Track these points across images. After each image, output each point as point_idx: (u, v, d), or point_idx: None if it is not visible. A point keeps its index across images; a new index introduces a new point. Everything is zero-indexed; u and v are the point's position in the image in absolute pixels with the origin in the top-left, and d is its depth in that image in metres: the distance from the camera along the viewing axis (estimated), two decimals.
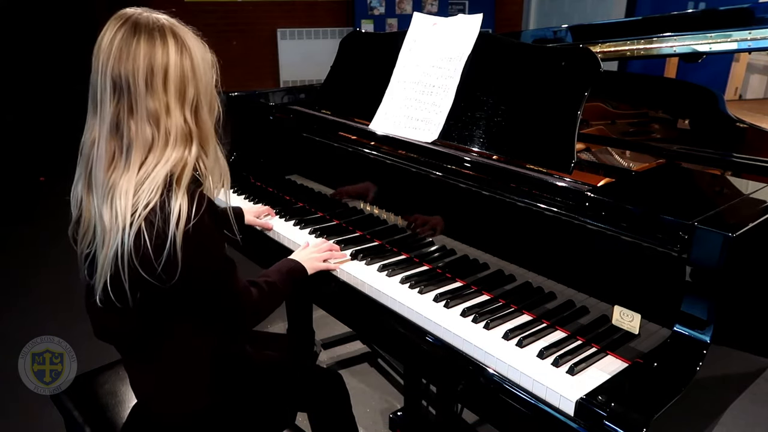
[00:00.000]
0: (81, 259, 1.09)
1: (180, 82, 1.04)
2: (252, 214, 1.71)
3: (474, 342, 1.12)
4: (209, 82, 1.11)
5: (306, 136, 1.75)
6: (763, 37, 1.48)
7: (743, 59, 3.58)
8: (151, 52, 1.00)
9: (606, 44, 1.77)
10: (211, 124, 1.12)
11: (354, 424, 1.50)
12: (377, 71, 1.69)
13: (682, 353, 0.97)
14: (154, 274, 0.99)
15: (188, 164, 1.05)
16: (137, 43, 1.00)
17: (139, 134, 1.01)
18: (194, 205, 1.00)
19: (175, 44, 1.03)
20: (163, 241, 0.98)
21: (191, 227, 0.99)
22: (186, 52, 1.04)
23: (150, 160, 1.02)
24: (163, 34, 1.02)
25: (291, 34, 5.96)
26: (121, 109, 1.01)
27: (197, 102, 1.07)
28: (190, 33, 1.08)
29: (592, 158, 1.55)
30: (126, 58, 0.99)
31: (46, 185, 4.73)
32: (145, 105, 1.01)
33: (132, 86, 1.00)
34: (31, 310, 2.90)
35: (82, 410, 1.35)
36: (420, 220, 1.45)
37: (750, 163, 1.48)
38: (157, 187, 1.00)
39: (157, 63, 1.01)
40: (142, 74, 1.00)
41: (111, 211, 0.99)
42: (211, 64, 1.12)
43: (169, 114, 1.03)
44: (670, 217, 0.99)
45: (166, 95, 1.02)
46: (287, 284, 1.32)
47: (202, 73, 1.07)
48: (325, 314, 1.55)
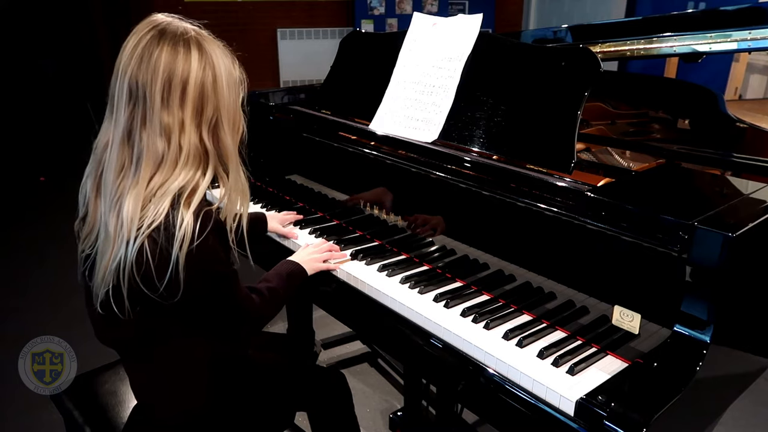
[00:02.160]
0: (81, 258, 1.08)
1: (198, 99, 1.00)
2: (277, 221, 1.64)
3: (474, 342, 1.12)
4: (233, 101, 1.06)
5: (306, 136, 1.75)
6: (763, 37, 1.48)
7: (743, 59, 3.57)
8: (172, 63, 0.97)
9: (606, 44, 1.77)
10: (234, 144, 1.07)
11: (356, 423, 1.50)
12: (377, 71, 1.69)
13: (682, 353, 0.97)
14: (156, 291, 0.97)
15: (200, 186, 1.01)
16: (159, 52, 0.97)
17: (150, 146, 0.98)
18: (198, 225, 0.97)
19: (198, 57, 1.00)
20: (165, 260, 0.96)
21: (195, 247, 0.97)
22: (209, 67, 1.01)
23: (159, 175, 0.99)
24: (187, 45, 0.99)
25: (291, 34, 5.95)
26: (135, 118, 0.99)
27: (216, 121, 1.03)
28: (219, 48, 1.04)
29: (592, 158, 1.55)
30: (146, 66, 0.97)
31: (46, 185, 4.74)
32: (159, 118, 0.98)
33: (148, 96, 0.97)
34: (31, 310, 2.90)
35: (82, 410, 1.35)
36: (420, 220, 1.45)
37: (750, 163, 1.48)
38: (163, 205, 0.97)
39: (176, 75, 0.98)
40: (160, 85, 0.97)
41: (117, 220, 0.98)
42: (237, 82, 1.07)
43: (183, 130, 0.99)
44: (670, 217, 0.99)
45: (182, 111, 0.99)
46: (288, 288, 1.31)
47: (225, 90, 1.03)
48: (325, 314, 1.55)
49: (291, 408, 1.40)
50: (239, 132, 1.10)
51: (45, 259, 3.36)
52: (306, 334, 2.26)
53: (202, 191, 1.01)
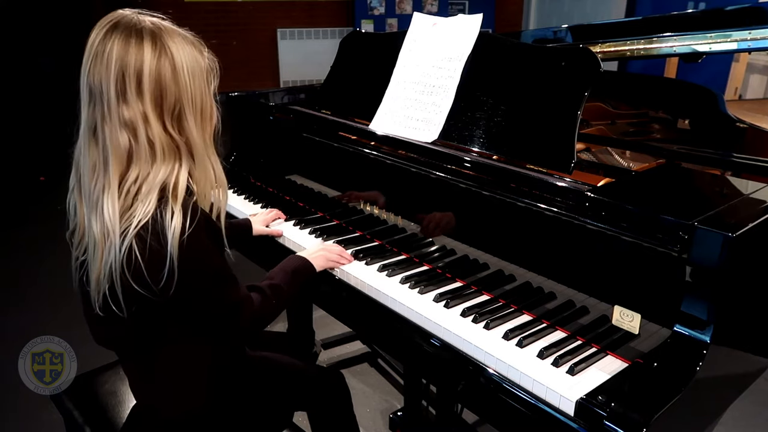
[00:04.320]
0: (75, 266, 1.07)
1: (156, 89, 0.97)
2: (260, 222, 1.63)
3: (474, 342, 1.12)
4: (198, 89, 1.03)
5: (306, 136, 1.75)
6: (763, 37, 1.48)
7: (743, 59, 3.57)
8: (123, 55, 0.95)
9: (606, 44, 1.77)
10: (204, 135, 1.05)
11: (355, 423, 1.50)
12: (377, 71, 1.69)
13: (682, 353, 0.97)
14: (150, 289, 0.97)
15: (181, 178, 1.00)
16: (111, 45, 0.95)
17: (113, 142, 0.96)
18: (188, 218, 0.96)
19: (152, 47, 0.97)
20: (158, 256, 0.95)
21: (186, 241, 0.96)
22: (166, 56, 0.98)
23: (134, 172, 0.97)
24: (140, 36, 0.97)
25: (291, 34, 5.95)
26: (96, 116, 0.97)
27: (180, 111, 1.01)
28: (180, 36, 1.01)
29: (592, 158, 1.55)
30: (100, 62, 0.95)
31: (46, 185, 4.73)
32: (117, 112, 0.96)
33: (104, 92, 0.95)
34: (31, 310, 2.91)
35: (82, 410, 1.35)
36: (421, 219, 1.45)
37: (750, 163, 1.48)
38: (150, 202, 0.96)
39: (129, 67, 0.95)
40: (113, 79, 0.95)
41: (100, 223, 0.97)
42: (204, 71, 1.04)
43: (147, 123, 0.97)
44: (670, 217, 0.99)
45: (141, 103, 0.97)
46: (293, 285, 1.28)
47: (186, 79, 1.00)
48: (325, 314, 1.55)
49: (290, 408, 1.40)
50: (211, 121, 1.08)
51: (45, 259, 3.36)
52: (306, 334, 2.26)
53: (183, 183, 1.00)
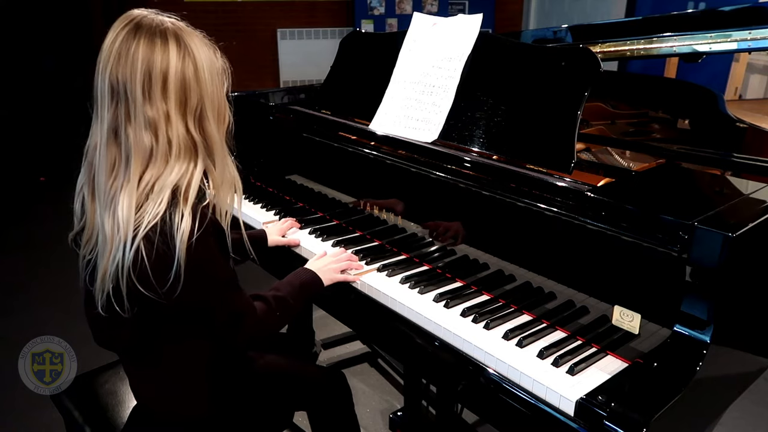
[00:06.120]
0: (82, 265, 1.07)
1: (181, 90, 0.99)
2: (276, 233, 1.59)
3: (474, 342, 1.12)
4: (217, 91, 1.05)
5: (306, 136, 1.75)
6: (763, 37, 1.48)
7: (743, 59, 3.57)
8: (149, 56, 0.97)
9: (606, 44, 1.77)
10: (220, 135, 1.06)
11: (356, 423, 1.50)
12: (377, 71, 1.69)
13: (682, 353, 0.97)
14: (154, 290, 0.97)
15: (194, 179, 1.00)
16: (136, 46, 0.97)
17: (137, 142, 0.97)
18: (197, 222, 0.97)
19: (177, 49, 0.99)
20: (163, 257, 0.95)
21: (194, 244, 0.96)
22: (189, 57, 1.00)
23: (150, 171, 0.98)
24: (164, 37, 0.98)
25: (291, 34, 5.95)
26: (119, 115, 0.98)
27: (201, 111, 1.02)
28: (198, 38, 1.04)
29: (592, 158, 1.55)
30: (124, 62, 0.96)
31: (46, 185, 4.73)
32: (142, 112, 0.97)
33: (129, 92, 0.96)
34: (31, 310, 2.90)
35: (82, 410, 1.35)
36: (420, 219, 1.45)
37: (750, 163, 1.48)
38: (161, 203, 0.96)
39: (155, 68, 0.97)
40: (140, 79, 0.96)
41: (113, 221, 0.97)
42: (220, 71, 1.06)
43: (169, 123, 0.99)
44: (670, 217, 0.99)
45: (166, 103, 0.98)
46: (299, 298, 1.27)
47: (207, 80, 1.02)
48: (325, 314, 1.55)
49: (290, 408, 1.40)
50: (225, 122, 1.09)
51: (45, 259, 3.36)
52: (306, 334, 2.26)
53: (196, 185, 1.00)
